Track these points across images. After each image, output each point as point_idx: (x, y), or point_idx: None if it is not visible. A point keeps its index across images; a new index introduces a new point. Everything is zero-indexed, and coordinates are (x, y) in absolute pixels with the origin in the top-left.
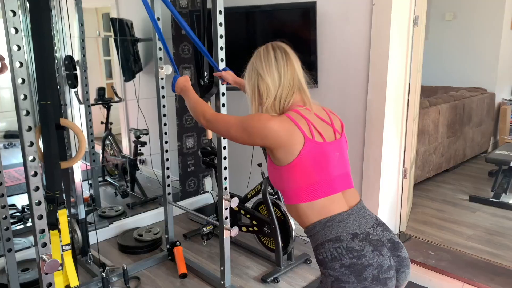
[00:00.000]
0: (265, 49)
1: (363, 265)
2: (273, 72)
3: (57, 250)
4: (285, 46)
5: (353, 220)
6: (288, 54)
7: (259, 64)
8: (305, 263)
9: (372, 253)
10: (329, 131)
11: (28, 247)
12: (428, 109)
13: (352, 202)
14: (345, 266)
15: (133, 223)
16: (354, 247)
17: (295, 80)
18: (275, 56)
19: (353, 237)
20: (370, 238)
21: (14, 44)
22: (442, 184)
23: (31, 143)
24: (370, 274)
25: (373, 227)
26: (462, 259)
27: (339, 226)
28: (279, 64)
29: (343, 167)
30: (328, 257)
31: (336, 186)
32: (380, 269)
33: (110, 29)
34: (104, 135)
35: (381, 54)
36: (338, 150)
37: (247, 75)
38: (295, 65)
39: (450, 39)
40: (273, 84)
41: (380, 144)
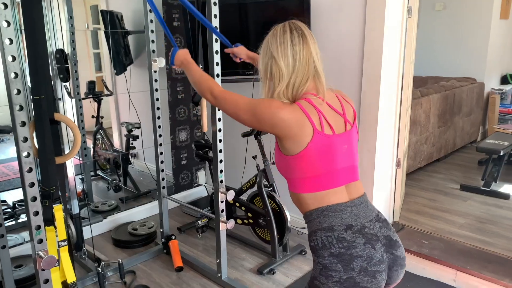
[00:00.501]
0: (282, 29)
1: (351, 255)
2: (288, 56)
3: (53, 246)
4: (303, 27)
5: (350, 212)
6: (305, 37)
7: (274, 46)
8: (300, 254)
9: (364, 246)
10: (340, 122)
11: (21, 243)
12: (419, 100)
13: (354, 195)
14: (334, 255)
15: (127, 217)
16: (346, 237)
17: (310, 66)
18: (291, 39)
19: (347, 228)
20: (365, 231)
21: (6, 38)
22: (433, 174)
23: (25, 138)
24: (358, 265)
25: (371, 221)
26: (455, 247)
27: (334, 216)
28: (295, 47)
29: (350, 160)
30: (319, 245)
31: (340, 179)
32: (370, 261)
33: (99, 22)
34: (95, 129)
35: (375, 45)
36: (346, 142)
37: (261, 54)
38: (312, 50)
39: (440, 29)
40: (287, 70)
41: (374, 135)
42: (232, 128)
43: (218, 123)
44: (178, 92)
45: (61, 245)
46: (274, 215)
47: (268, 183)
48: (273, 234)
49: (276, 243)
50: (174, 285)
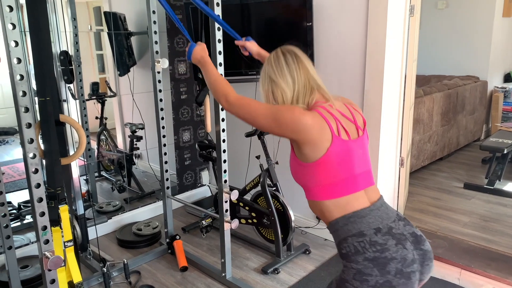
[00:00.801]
0: (275, 55)
1: (386, 258)
2: (285, 76)
3: (60, 246)
4: (294, 48)
5: (375, 215)
6: (298, 56)
7: (271, 70)
8: (304, 254)
9: (396, 247)
10: (352, 128)
11: (26, 244)
12: (422, 98)
13: (373, 198)
14: (369, 259)
15: (131, 217)
16: (378, 241)
17: (310, 80)
18: (285, 61)
19: (376, 231)
20: (393, 232)
21: (11, 40)
22: (437, 173)
23: (31, 140)
24: (393, 268)
25: (395, 221)
26: (459, 246)
27: (361, 222)
28: (290, 67)
29: (366, 165)
30: (352, 251)
31: (359, 184)
32: (404, 262)
33: (102, 23)
34: (99, 130)
35: (378, 44)
36: (361, 147)
37: (260, 84)
38: (307, 67)
39: (443, 27)
40: (289, 88)
41: (378, 134)
42: (236, 128)
43: (222, 123)
44: (182, 93)
45: (67, 245)
46: (278, 214)
47: (272, 183)
48: (277, 233)
49: (280, 243)
50: (179, 285)
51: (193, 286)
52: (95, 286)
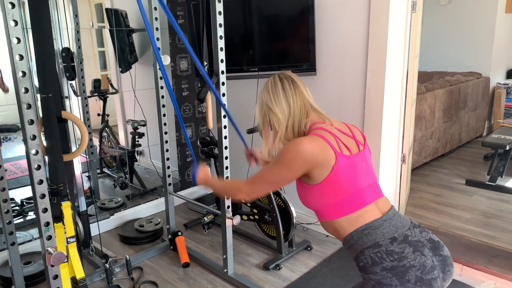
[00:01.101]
0: (272, 81)
1: (405, 266)
2: (281, 102)
3: (62, 242)
4: (291, 74)
5: (388, 225)
6: (295, 82)
7: (268, 97)
8: (306, 250)
9: (413, 254)
10: (353, 144)
11: (29, 240)
12: (424, 95)
13: (384, 209)
14: (387, 269)
15: (133, 214)
16: (394, 250)
17: (306, 105)
18: (282, 87)
19: (392, 241)
20: (409, 240)
21: (14, 37)
22: (438, 169)
23: (34, 136)
24: (413, 276)
25: (410, 229)
26: (461, 242)
27: (376, 233)
28: (287, 93)
29: (371, 178)
30: (369, 262)
31: (367, 197)
32: (423, 269)
33: (103, 20)
34: (101, 127)
35: (379, 40)
36: (364, 161)
37: (258, 108)
38: (303, 91)
39: (445, 23)
40: (283, 115)
41: (379, 131)
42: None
43: (224, 120)
44: (183, 90)
45: (70, 241)
46: (280, 211)
47: None
48: (278, 230)
49: (282, 239)
50: (181, 281)
51: (195, 282)
52: (97, 282)
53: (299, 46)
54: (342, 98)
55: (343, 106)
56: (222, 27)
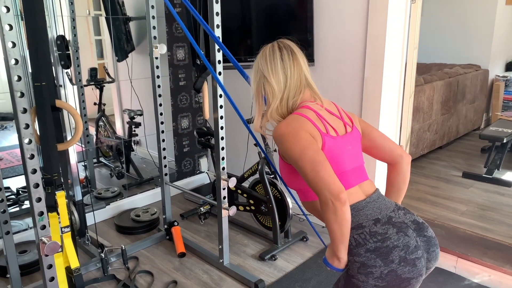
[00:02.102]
0: (271, 49)
1: (388, 247)
2: (278, 73)
3: (57, 232)
4: (291, 44)
5: (372, 207)
6: (294, 53)
7: (264, 65)
8: (301, 241)
9: (397, 235)
10: (340, 125)
11: (25, 229)
12: (422, 87)
13: (369, 192)
14: (371, 251)
15: (130, 204)
16: (378, 231)
17: (302, 79)
18: (281, 57)
19: (375, 222)
20: (393, 221)
21: (5, 24)
22: (435, 161)
23: (27, 125)
24: (396, 256)
25: (394, 211)
26: (456, 234)
27: (359, 214)
28: (285, 64)
29: (357, 160)
30: (353, 244)
31: (351, 179)
32: (407, 249)
33: (100, 8)
34: (97, 116)
35: (378, 31)
36: (350, 143)
37: (252, 75)
38: (302, 64)
39: (445, 15)
40: (278, 86)
41: (377, 122)
42: (234, 115)
43: (220, 110)
44: (180, 79)
45: (64, 231)
46: (276, 202)
47: (270, 170)
48: (274, 220)
49: (278, 230)
50: (176, 270)
51: (191, 272)
52: (93, 271)
53: (298, 35)
54: (340, 89)
55: (341, 97)
56: (219, 16)
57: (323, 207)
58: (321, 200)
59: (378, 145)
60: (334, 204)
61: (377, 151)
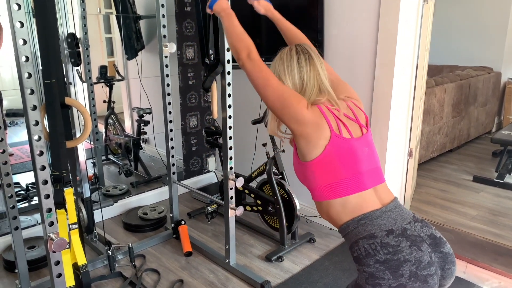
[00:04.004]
0: (288, 52)
1: (399, 260)
2: (294, 77)
3: (64, 228)
4: (309, 48)
5: (387, 217)
6: (312, 58)
7: (281, 68)
8: (309, 242)
9: (410, 249)
10: (356, 127)
11: (33, 225)
12: (433, 89)
13: (386, 200)
14: (380, 262)
15: (137, 201)
16: (389, 242)
17: (319, 84)
18: (298, 61)
19: (388, 233)
20: (407, 233)
21: (17, 21)
22: (445, 165)
23: (36, 122)
24: (407, 270)
25: (410, 223)
26: (466, 240)
27: (373, 224)
28: (302, 69)
29: (373, 162)
30: (362, 254)
31: (365, 181)
32: (419, 265)
33: (111, 6)
34: (106, 114)
35: (389, 32)
36: (366, 145)
37: None
38: (319, 69)
39: (457, 16)
40: (294, 89)
41: (387, 124)
42: (242, 115)
43: (228, 110)
44: (189, 78)
45: (72, 228)
46: (283, 202)
47: (278, 171)
48: (282, 221)
49: (285, 231)
50: (183, 269)
51: (197, 271)
52: (100, 268)
53: (308, 35)
54: None
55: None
56: None
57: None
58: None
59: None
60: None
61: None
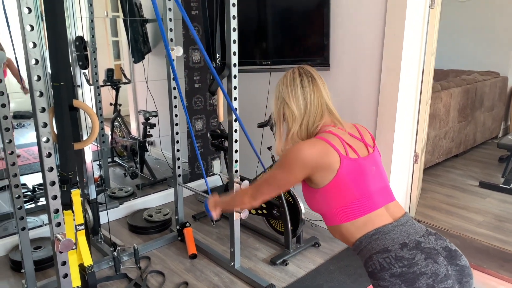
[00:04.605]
0: (291, 75)
1: (415, 273)
2: (298, 98)
3: (71, 229)
4: (312, 70)
5: (400, 231)
6: (315, 79)
7: (285, 90)
8: (313, 246)
9: (425, 261)
10: (361, 147)
11: (40, 225)
12: (439, 93)
13: (397, 215)
14: (395, 276)
15: (143, 203)
16: (404, 255)
17: (322, 104)
18: (301, 83)
19: (402, 246)
20: (421, 246)
21: (27, 24)
22: (451, 170)
23: (45, 124)
24: (424, 284)
25: (424, 236)
26: (472, 246)
27: (385, 238)
28: (305, 90)
29: (381, 181)
30: (377, 268)
31: (376, 201)
32: (435, 278)
33: (118, 10)
34: (113, 116)
35: (395, 36)
36: (373, 164)
37: (274, 99)
38: (321, 90)
39: (464, 21)
40: (299, 112)
41: (393, 128)
42: (248, 119)
43: (234, 113)
44: (195, 82)
45: (79, 229)
46: (288, 206)
47: None
48: (286, 225)
49: (290, 235)
50: (188, 272)
51: (202, 273)
52: (105, 269)
53: (313, 40)
54: (356, 94)
55: (356, 103)
56: (235, 19)
57: (243, 194)
58: (247, 192)
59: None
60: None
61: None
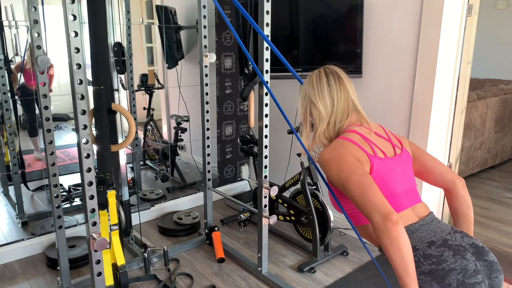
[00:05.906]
0: (317, 74)
1: (444, 270)
2: (325, 98)
3: (106, 229)
4: (338, 70)
5: (426, 229)
6: (341, 78)
7: (312, 90)
8: (342, 255)
9: (453, 257)
10: (389, 147)
11: (74, 225)
12: (475, 103)
13: (422, 214)
14: (425, 273)
15: (172, 206)
16: (432, 253)
17: (349, 103)
18: (327, 82)
19: (430, 244)
20: (448, 243)
21: (72, 31)
22: (487, 181)
23: (85, 126)
24: (454, 279)
25: (450, 234)
26: (508, 260)
27: (412, 237)
28: (331, 89)
29: (408, 182)
30: None
31: (403, 202)
32: (465, 273)
33: (153, 16)
34: (146, 120)
35: (431, 44)
36: (399, 165)
37: (300, 100)
38: (348, 89)
39: (502, 29)
40: (325, 110)
41: (426, 138)
42: (278, 125)
43: (265, 119)
44: (226, 88)
45: (113, 229)
46: (317, 214)
47: (312, 182)
48: (315, 232)
49: (318, 242)
50: (215, 275)
51: (229, 278)
52: (135, 270)
53: (346, 47)
54: (388, 102)
55: (389, 111)
56: (269, 27)
57: (377, 232)
58: (373, 224)
59: (429, 168)
60: (386, 225)
61: (428, 175)
